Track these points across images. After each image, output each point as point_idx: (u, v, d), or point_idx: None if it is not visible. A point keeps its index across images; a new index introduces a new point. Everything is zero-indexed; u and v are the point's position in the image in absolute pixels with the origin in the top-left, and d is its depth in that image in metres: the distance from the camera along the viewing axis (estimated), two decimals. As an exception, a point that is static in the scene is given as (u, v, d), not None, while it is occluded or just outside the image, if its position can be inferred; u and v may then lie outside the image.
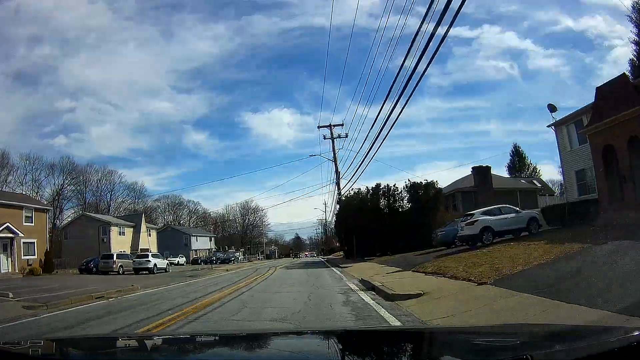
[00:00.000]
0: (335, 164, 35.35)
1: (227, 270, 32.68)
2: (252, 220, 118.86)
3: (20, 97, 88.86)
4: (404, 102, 11.28)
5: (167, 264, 36.11)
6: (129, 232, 58.78)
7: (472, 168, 37.64)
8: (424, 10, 8.34)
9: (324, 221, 78.51)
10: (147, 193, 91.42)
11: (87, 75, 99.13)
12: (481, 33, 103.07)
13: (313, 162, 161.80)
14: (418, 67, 9.03)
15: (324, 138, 36.48)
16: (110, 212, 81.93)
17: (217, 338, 2.83)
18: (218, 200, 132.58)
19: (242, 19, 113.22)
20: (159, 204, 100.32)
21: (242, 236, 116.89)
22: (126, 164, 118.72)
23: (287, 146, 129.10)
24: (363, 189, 29.38)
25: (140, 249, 58.53)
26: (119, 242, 56.61)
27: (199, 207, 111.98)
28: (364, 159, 22.95)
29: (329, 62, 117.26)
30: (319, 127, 37.15)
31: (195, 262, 62.39)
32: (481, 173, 36.74)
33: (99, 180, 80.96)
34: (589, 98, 24.40)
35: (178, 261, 62.71)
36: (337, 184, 34.65)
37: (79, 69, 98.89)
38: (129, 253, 41.94)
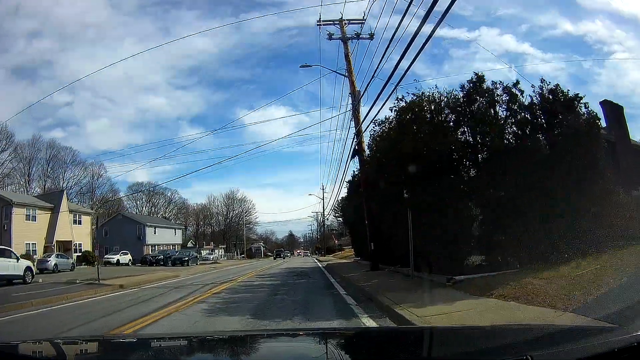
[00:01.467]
0: (351, 79, 17.84)
1: (94, 293, 14.75)
2: (238, 212, 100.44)
3: (18, 91, 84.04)
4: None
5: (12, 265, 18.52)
6: (43, 217, 40.99)
7: (602, 103, 20.31)
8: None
9: (322, 212, 60.51)
10: (108, 175, 74.80)
11: (84, 70, 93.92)
12: (479, 35, 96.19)
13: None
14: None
15: (330, 38, 19.03)
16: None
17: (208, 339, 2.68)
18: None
19: (239, 16, 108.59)
20: (130, 191, 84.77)
21: (224, 231, 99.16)
22: (122, 159, 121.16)
23: (282, 142, 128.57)
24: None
25: (58, 241, 40.96)
26: (28, 230, 38.89)
27: (176, 196, 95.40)
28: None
29: (327, 60, 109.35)
30: (319, 23, 19.49)
31: (144, 261, 44.77)
32: (615, 111, 19.56)
33: (50, 159, 63.56)
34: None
35: (117, 260, 45.24)
36: (355, 113, 17.10)
37: (77, 64, 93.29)
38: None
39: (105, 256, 48.53)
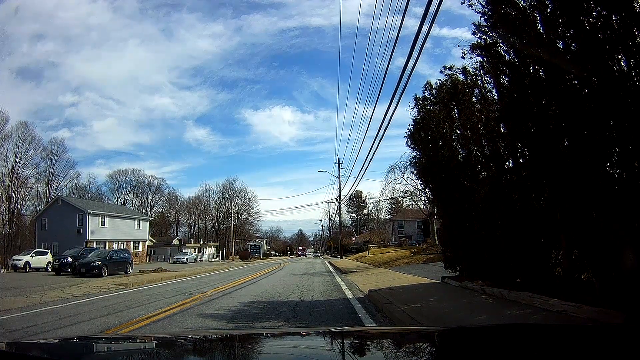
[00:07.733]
0: None
1: None
2: (236, 203, 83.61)
3: (24, 92, 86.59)
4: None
5: None
6: None
7: None
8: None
9: (337, 196, 43.46)
10: (67, 152, 62.01)
11: (89, 72, 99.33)
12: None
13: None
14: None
15: None
16: (18, 184, 54.52)
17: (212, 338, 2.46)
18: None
19: (240, 18, 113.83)
20: (113, 180, 75.98)
21: (217, 226, 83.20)
22: (129, 158, 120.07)
23: (288, 143, 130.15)
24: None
25: None
26: None
27: (163, 185, 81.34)
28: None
29: (330, 61, 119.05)
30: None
31: (62, 267, 28.33)
32: None
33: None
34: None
35: (27, 263, 29.92)
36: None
37: (81, 66, 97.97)
38: None
39: (13, 257, 33.17)
